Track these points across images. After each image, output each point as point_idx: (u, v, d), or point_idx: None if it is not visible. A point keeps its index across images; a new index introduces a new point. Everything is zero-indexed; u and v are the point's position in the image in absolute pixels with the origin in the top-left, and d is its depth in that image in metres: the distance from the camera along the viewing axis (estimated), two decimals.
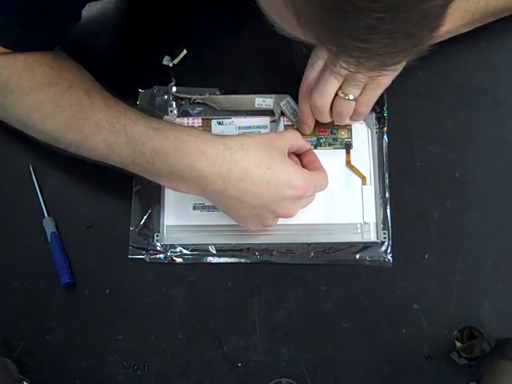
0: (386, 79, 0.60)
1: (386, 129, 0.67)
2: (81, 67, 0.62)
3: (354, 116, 0.63)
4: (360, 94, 0.61)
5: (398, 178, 0.66)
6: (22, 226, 0.66)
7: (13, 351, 0.63)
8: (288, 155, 0.60)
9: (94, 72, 0.69)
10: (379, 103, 0.66)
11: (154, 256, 0.65)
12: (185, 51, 0.68)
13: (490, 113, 0.68)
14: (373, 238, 0.65)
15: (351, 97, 0.60)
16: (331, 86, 0.60)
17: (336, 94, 0.60)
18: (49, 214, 0.66)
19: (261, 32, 0.69)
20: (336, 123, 0.65)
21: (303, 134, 0.66)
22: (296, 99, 0.66)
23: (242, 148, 0.58)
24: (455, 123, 0.67)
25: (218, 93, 0.68)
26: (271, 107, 0.67)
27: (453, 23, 0.62)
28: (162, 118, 0.67)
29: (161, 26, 0.71)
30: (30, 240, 0.66)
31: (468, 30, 0.64)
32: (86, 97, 0.59)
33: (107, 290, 0.65)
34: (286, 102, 0.67)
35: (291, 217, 0.60)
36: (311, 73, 0.62)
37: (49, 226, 0.65)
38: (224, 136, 0.59)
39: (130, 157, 0.58)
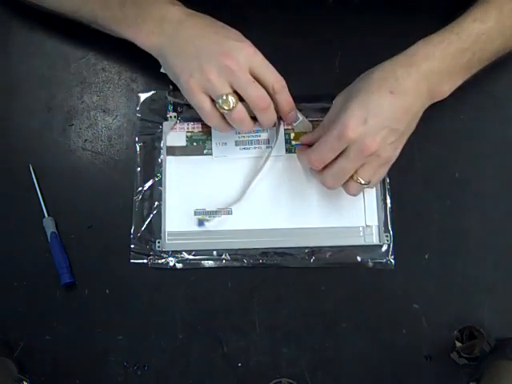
0: (395, 157, 0.60)
1: None
2: None
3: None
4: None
5: (399, 179, 0.66)
6: (21, 226, 0.66)
7: (13, 351, 0.63)
8: None
9: (95, 76, 0.70)
10: None
11: (155, 261, 0.65)
12: None
13: (490, 113, 0.68)
14: (375, 240, 0.65)
15: (362, 181, 0.59)
16: (348, 173, 0.59)
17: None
18: (49, 214, 0.66)
19: (261, 34, 0.70)
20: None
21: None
22: (296, 103, 0.65)
23: (212, 19, 0.62)
24: (455, 123, 0.68)
25: None
26: None
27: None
28: (161, 123, 0.68)
29: None
30: (29, 240, 0.66)
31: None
32: None
33: (107, 290, 0.65)
34: None
35: (233, 68, 0.58)
36: (330, 153, 0.59)
37: (49, 226, 0.65)
38: None
39: (103, 3, 0.62)
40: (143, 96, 0.69)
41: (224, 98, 0.59)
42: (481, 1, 0.62)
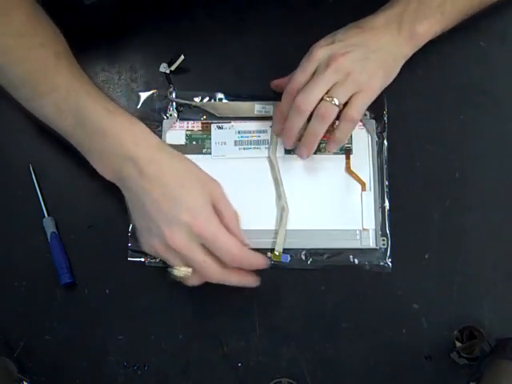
0: (374, 90, 0.61)
1: (386, 133, 0.67)
2: (59, 32, 0.62)
3: (336, 136, 0.62)
4: (346, 106, 0.60)
5: (398, 179, 0.66)
6: (22, 226, 0.66)
7: (13, 351, 0.63)
8: None
9: (95, 76, 0.69)
10: (379, 108, 0.66)
11: (153, 260, 0.65)
12: (182, 57, 0.68)
13: (490, 113, 0.68)
14: (371, 244, 0.65)
15: (336, 101, 0.59)
16: (319, 90, 0.59)
17: (321, 99, 0.60)
18: (49, 214, 0.66)
19: (260, 34, 0.70)
20: (303, 147, 0.63)
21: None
22: None
23: (174, 157, 0.59)
24: (455, 123, 0.68)
25: (220, 96, 0.68)
26: (271, 114, 0.67)
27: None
28: (161, 122, 0.68)
29: (161, 29, 0.71)
30: (30, 240, 0.66)
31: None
32: (55, 58, 0.59)
33: (107, 290, 0.65)
34: None
35: (177, 249, 0.56)
36: (301, 75, 0.61)
37: (49, 226, 0.65)
38: (165, 143, 0.61)
39: (72, 127, 0.59)
40: (143, 95, 0.69)
41: (176, 267, 0.58)
42: None
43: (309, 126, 0.61)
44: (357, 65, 0.59)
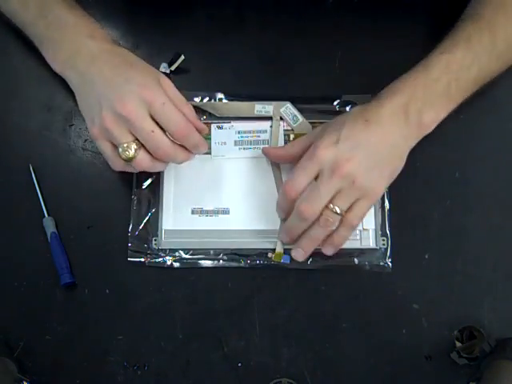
0: (377, 195, 0.60)
1: None
2: None
3: (335, 240, 0.60)
4: (347, 211, 0.58)
5: (398, 179, 0.66)
6: (22, 226, 0.66)
7: (13, 351, 0.63)
8: None
9: None
10: None
11: (153, 260, 0.65)
12: (182, 57, 0.68)
13: (490, 113, 0.68)
14: (371, 244, 0.65)
15: (338, 211, 0.57)
16: (323, 199, 0.57)
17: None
18: (49, 214, 0.66)
19: (261, 34, 0.70)
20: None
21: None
22: (296, 104, 0.66)
23: (128, 52, 0.61)
24: (455, 123, 0.67)
25: (220, 96, 0.68)
26: (271, 114, 0.67)
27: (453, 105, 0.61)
28: None
29: (161, 29, 0.71)
30: (30, 240, 0.66)
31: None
32: None
33: (107, 290, 0.65)
34: (285, 108, 0.67)
35: (127, 115, 0.56)
36: (303, 178, 0.58)
37: (49, 226, 0.65)
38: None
39: (33, 17, 0.63)
40: None
41: (125, 146, 0.57)
42: (449, 34, 0.61)
43: (309, 231, 0.60)
44: (362, 171, 0.57)
